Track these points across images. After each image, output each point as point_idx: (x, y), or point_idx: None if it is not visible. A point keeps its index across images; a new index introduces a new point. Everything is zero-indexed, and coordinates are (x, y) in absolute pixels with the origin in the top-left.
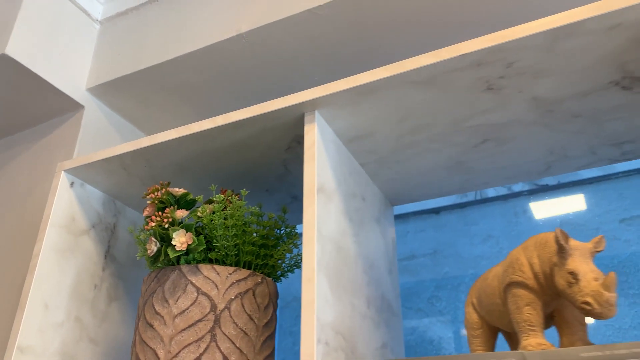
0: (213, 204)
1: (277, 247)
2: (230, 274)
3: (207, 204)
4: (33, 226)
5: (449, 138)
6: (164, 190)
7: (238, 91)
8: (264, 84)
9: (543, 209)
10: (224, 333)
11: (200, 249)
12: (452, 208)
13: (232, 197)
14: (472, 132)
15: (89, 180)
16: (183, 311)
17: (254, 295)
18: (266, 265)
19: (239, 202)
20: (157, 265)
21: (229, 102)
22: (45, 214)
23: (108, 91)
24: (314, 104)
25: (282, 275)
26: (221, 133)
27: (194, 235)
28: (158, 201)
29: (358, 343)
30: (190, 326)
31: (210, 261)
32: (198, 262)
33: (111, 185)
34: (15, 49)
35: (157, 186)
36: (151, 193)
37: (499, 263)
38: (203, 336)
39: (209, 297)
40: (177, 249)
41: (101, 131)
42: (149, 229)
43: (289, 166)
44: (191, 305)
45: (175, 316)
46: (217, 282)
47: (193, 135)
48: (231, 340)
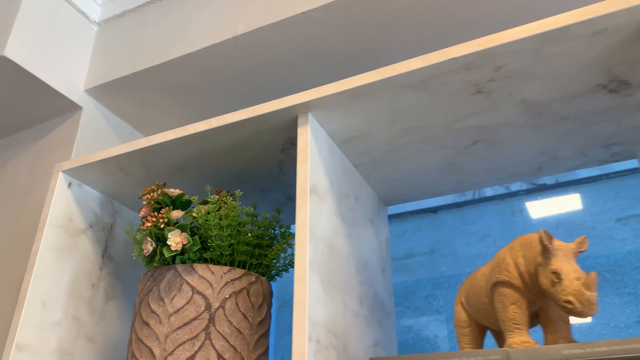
0: (208, 205)
1: (272, 247)
2: (224, 274)
3: (202, 205)
4: (31, 226)
5: (441, 140)
6: (160, 191)
7: (234, 92)
8: (260, 85)
9: (540, 209)
10: (219, 331)
11: (195, 249)
12: (450, 207)
13: (227, 198)
14: (463, 134)
15: (87, 180)
16: (178, 310)
17: (248, 294)
18: (260, 264)
19: (234, 203)
20: (153, 264)
21: (226, 104)
22: (43, 214)
23: (106, 92)
24: (307, 107)
25: (277, 274)
26: (216, 134)
27: (189, 235)
28: (154, 202)
29: (350, 341)
30: (185, 324)
31: (205, 261)
32: (193, 262)
33: (108, 185)
34: (13, 51)
35: (153, 187)
36: (147, 194)
37: (487, 263)
38: (198, 334)
39: (204, 296)
40: (173, 249)
41: (99, 132)
42: (145, 229)
43: (284, 167)
44: (186, 304)
45: (170, 315)
46: (212, 282)
47: (189, 136)
48: (225, 338)
